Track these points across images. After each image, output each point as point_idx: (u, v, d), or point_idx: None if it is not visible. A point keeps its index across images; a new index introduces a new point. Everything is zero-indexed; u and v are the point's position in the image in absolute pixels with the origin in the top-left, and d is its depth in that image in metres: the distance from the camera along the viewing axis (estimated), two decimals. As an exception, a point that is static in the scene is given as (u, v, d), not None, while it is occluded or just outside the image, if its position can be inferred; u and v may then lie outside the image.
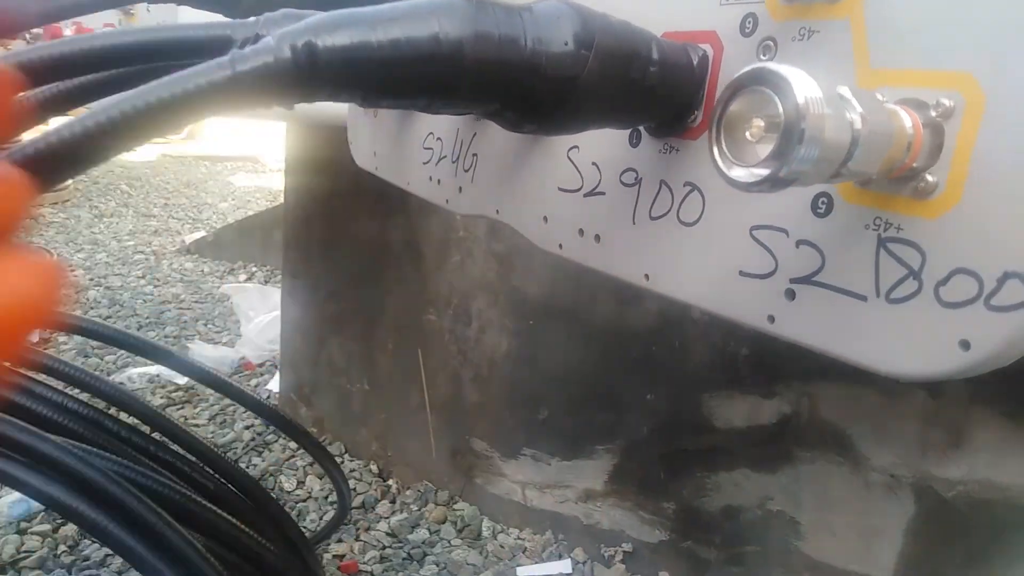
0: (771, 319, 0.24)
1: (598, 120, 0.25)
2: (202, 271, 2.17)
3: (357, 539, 1.04)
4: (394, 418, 1.22)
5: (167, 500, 0.37)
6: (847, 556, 0.80)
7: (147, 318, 1.77)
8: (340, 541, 1.04)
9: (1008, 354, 0.18)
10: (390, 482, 1.19)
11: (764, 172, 0.17)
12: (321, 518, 1.10)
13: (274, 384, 1.48)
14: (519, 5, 0.23)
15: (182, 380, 1.46)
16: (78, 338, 1.51)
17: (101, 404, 0.63)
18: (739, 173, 0.17)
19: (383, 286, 1.20)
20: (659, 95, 0.26)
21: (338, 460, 1.25)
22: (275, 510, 0.53)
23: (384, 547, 1.03)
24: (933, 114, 0.19)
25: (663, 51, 0.25)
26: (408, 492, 1.16)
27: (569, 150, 0.33)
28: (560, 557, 1.00)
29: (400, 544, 1.04)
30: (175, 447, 0.50)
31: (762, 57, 0.24)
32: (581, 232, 0.33)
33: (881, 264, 0.20)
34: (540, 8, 0.23)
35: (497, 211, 0.39)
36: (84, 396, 0.58)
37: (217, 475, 0.52)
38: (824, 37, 0.22)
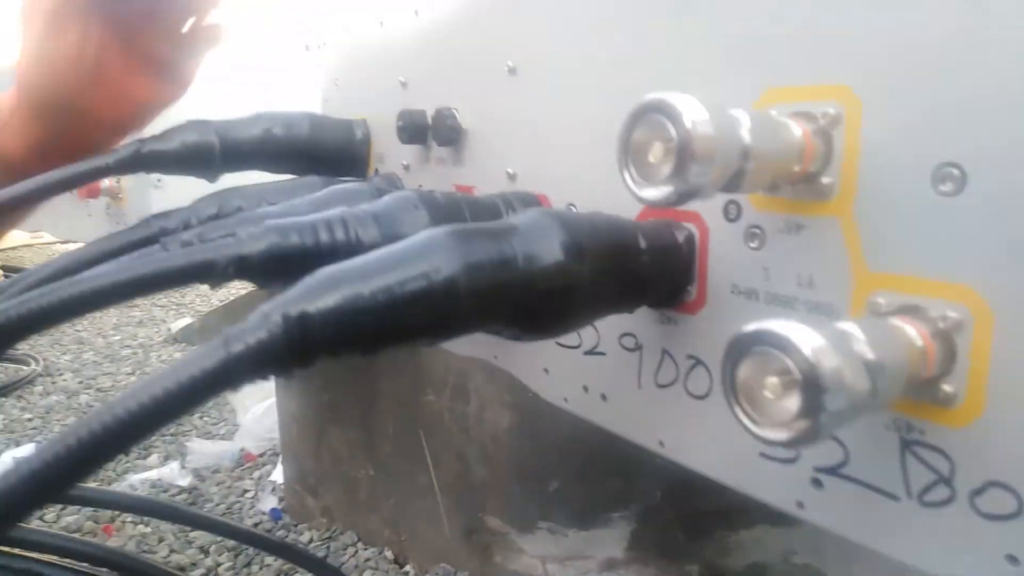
0: (800, 505, 0.23)
1: (598, 316, 0.25)
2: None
3: None
4: (404, 502, 1.20)
5: None
6: (880, 607, 0.79)
7: None
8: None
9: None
10: (407, 567, 1.16)
11: (798, 429, 0.16)
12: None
13: (277, 474, 1.45)
14: (503, 226, 0.23)
15: (184, 482, 1.44)
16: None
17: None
18: (773, 434, 0.17)
19: (377, 369, 1.18)
20: (653, 281, 0.25)
21: (352, 549, 1.22)
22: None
23: (409, 642, 1.00)
24: (941, 325, 0.19)
25: (649, 237, 0.25)
26: (426, 577, 1.14)
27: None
28: (589, 632, 0.98)
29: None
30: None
31: (751, 245, 0.24)
32: (585, 389, 0.32)
33: (908, 467, 0.20)
34: (525, 225, 0.23)
35: (495, 356, 0.38)
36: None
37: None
38: (813, 233, 0.22)
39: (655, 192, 0.18)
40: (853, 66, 0.20)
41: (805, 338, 0.16)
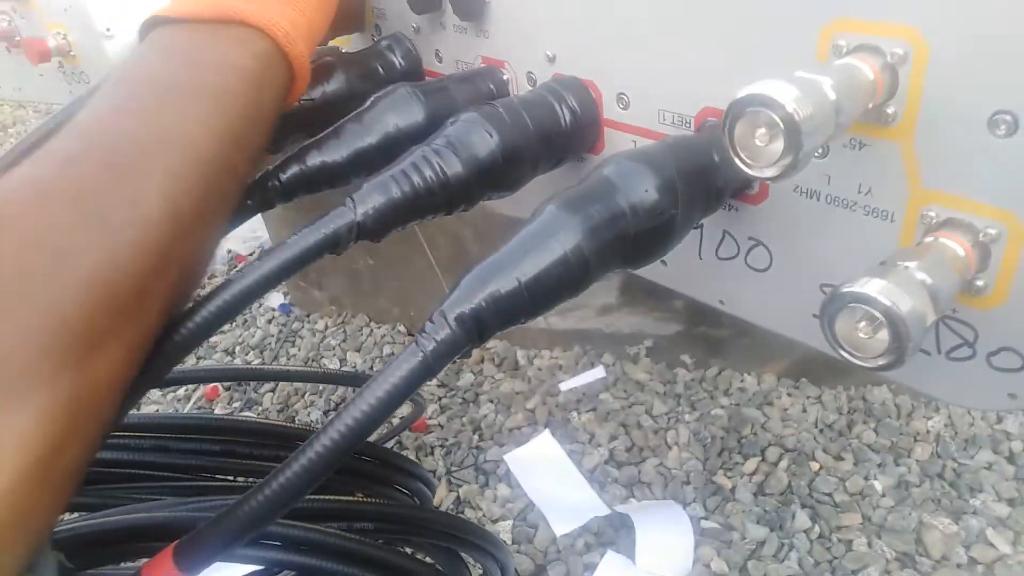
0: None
1: (690, 229, 0.29)
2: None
3: (412, 401, 1.16)
4: (407, 284, 1.29)
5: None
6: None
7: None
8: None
9: (1042, 403, 0.25)
10: (420, 336, 1.29)
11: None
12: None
13: (274, 271, 1.52)
14: (600, 183, 0.26)
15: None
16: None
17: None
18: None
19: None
20: (729, 188, 0.29)
21: (366, 329, 1.34)
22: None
23: (440, 398, 1.16)
24: (981, 238, 0.24)
25: (721, 151, 0.28)
26: (441, 343, 1.27)
27: (619, 183, 0.36)
28: (593, 365, 1.14)
29: (452, 392, 1.17)
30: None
31: (816, 154, 0.27)
32: (645, 252, 0.37)
33: (941, 332, 0.26)
34: (618, 177, 0.26)
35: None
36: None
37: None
38: (876, 152, 0.25)
39: (773, 170, 0.21)
40: (924, 10, 0.22)
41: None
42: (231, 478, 0.46)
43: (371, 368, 1.26)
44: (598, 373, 1.13)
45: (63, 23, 0.68)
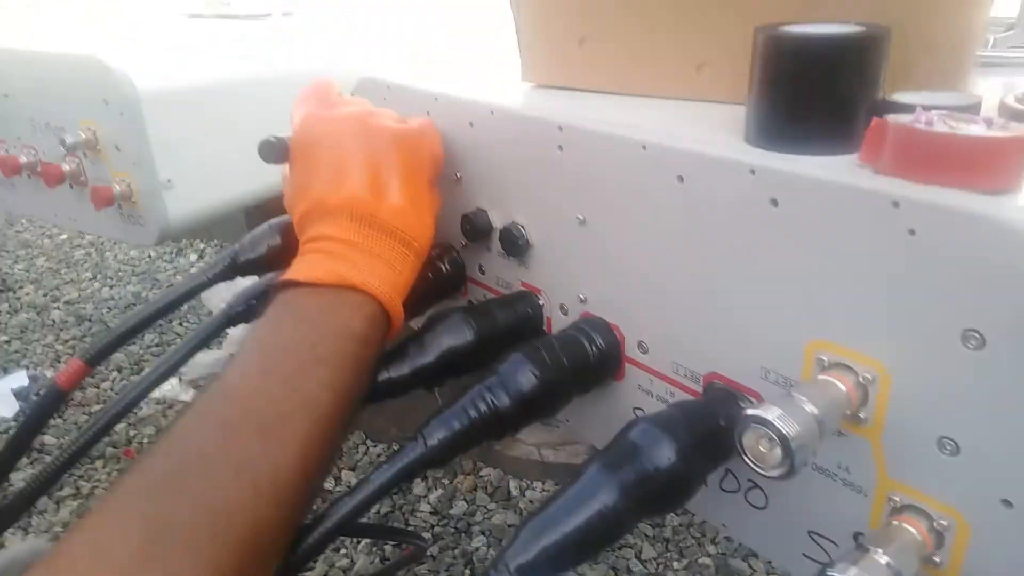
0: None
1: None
2: (149, 257, 2.14)
3: (408, 525, 1.18)
4: (406, 402, 1.33)
5: None
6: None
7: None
8: (388, 539, 1.18)
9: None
10: (414, 456, 1.32)
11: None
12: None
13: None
14: (630, 448, 0.32)
15: (187, 396, 1.53)
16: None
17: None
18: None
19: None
20: (733, 447, 0.35)
21: (362, 447, 1.37)
22: None
23: (432, 526, 1.18)
24: (936, 526, 0.29)
25: (726, 417, 0.34)
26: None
27: (635, 409, 0.42)
28: (583, 502, 1.17)
29: (445, 520, 1.19)
30: None
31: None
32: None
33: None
34: (643, 443, 0.32)
35: (568, 420, 0.48)
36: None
37: None
38: (851, 442, 0.31)
39: (778, 471, 0.27)
40: (886, 350, 0.29)
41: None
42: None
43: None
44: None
45: (129, 173, 0.76)
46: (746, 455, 0.28)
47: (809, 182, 0.29)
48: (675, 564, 1.04)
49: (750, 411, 0.28)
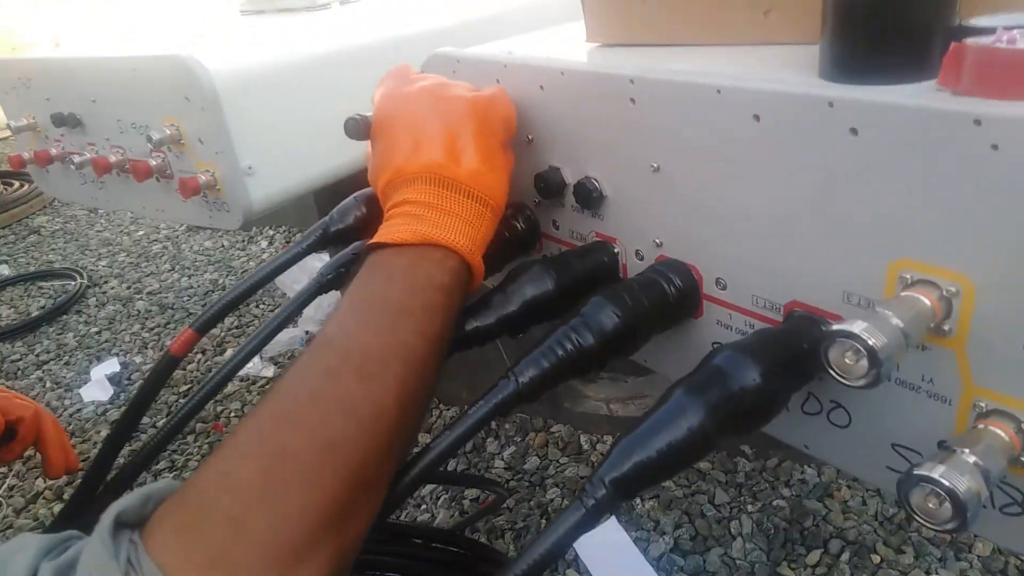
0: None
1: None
2: (223, 246, 2.24)
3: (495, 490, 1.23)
4: (474, 367, 1.38)
5: None
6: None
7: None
8: (471, 487, 1.24)
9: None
10: (487, 419, 1.37)
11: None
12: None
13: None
14: (715, 373, 0.34)
15: (269, 372, 1.61)
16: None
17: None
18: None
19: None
20: (816, 369, 0.37)
21: (436, 412, 1.43)
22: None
23: (507, 481, 1.23)
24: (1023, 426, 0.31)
25: (808, 339, 0.36)
26: (508, 426, 1.35)
27: (714, 344, 0.44)
28: (655, 453, 1.20)
29: (520, 475, 1.23)
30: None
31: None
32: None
33: (995, 494, 0.33)
34: (728, 366, 0.34)
35: (646, 360, 0.50)
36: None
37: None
38: (935, 354, 0.33)
39: (864, 380, 0.29)
40: (970, 262, 0.30)
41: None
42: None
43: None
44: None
45: (212, 163, 0.81)
46: (832, 368, 0.30)
47: (890, 108, 0.30)
48: (749, 507, 1.06)
49: (836, 326, 0.30)
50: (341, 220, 0.52)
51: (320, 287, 0.53)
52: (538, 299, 0.45)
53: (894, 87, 0.32)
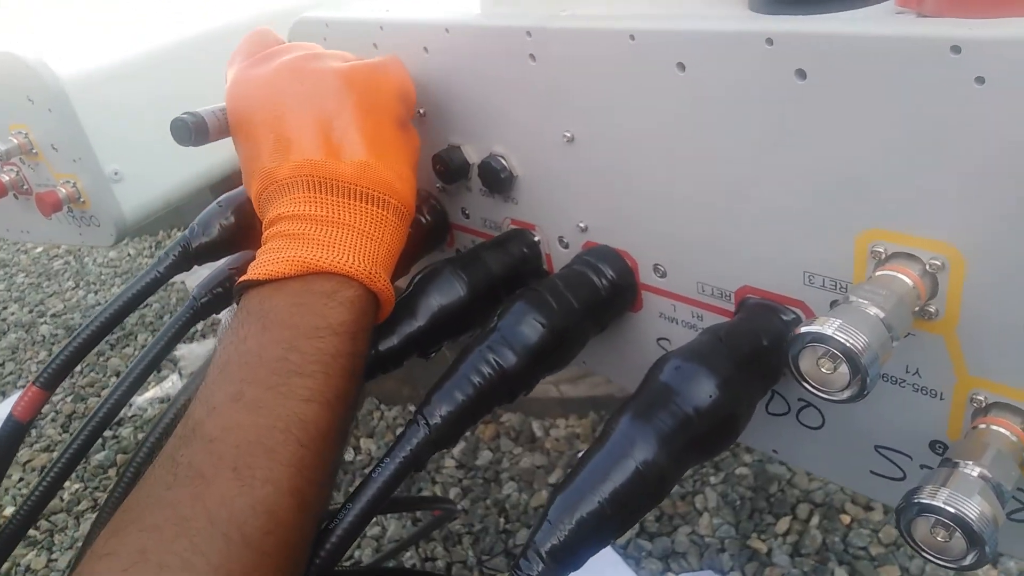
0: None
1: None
2: (129, 255, 2.08)
3: (434, 483, 1.16)
4: (414, 362, 1.30)
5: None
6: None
7: (113, 334, 1.74)
8: (421, 490, 1.16)
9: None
10: (432, 413, 1.30)
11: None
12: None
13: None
14: (662, 390, 0.27)
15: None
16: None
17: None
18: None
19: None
20: (781, 367, 0.31)
21: (377, 413, 1.35)
22: None
23: (460, 480, 1.16)
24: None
25: (769, 335, 0.30)
26: (455, 420, 1.28)
27: (659, 340, 0.38)
28: (609, 432, 1.15)
29: (472, 472, 1.17)
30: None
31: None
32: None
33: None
34: (677, 383, 0.27)
35: (585, 362, 0.43)
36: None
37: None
38: (921, 341, 0.27)
39: (848, 391, 0.23)
40: (959, 231, 0.24)
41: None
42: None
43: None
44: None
45: (72, 172, 0.70)
46: (805, 381, 0.24)
47: (841, 41, 0.24)
48: (712, 479, 1.02)
49: (804, 328, 0.23)
50: (204, 233, 0.43)
51: (195, 314, 0.45)
52: (449, 309, 0.37)
53: (843, 13, 0.25)
